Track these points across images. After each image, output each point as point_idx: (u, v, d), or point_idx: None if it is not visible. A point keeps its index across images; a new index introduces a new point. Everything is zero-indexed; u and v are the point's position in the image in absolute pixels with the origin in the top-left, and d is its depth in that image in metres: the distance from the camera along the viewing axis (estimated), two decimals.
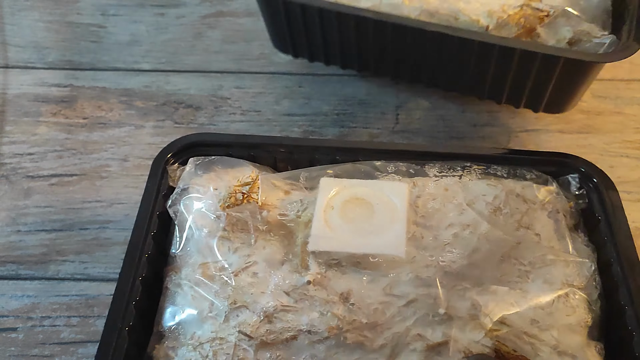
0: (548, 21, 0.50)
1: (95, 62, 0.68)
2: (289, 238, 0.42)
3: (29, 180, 0.57)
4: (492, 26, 0.51)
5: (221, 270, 0.40)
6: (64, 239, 0.53)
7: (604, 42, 0.49)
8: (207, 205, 0.43)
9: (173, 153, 0.47)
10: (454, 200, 0.42)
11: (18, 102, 0.64)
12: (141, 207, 0.43)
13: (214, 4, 0.73)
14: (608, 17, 0.53)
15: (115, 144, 0.60)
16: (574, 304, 0.39)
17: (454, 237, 0.41)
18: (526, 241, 0.41)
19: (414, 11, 0.52)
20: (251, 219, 0.42)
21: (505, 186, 0.44)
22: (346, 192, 0.43)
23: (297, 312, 0.38)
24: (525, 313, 0.38)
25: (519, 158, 0.46)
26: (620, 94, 0.64)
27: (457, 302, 0.38)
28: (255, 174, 0.45)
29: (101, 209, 0.55)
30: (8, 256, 0.52)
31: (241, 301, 0.38)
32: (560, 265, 0.40)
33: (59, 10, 0.73)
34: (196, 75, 0.66)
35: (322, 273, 0.39)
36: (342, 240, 0.40)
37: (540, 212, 0.43)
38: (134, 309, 0.39)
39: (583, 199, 0.45)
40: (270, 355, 0.37)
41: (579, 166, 0.45)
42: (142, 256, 0.41)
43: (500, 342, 0.37)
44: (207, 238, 0.41)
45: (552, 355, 0.37)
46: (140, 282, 0.40)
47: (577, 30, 0.50)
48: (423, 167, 0.45)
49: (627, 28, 0.50)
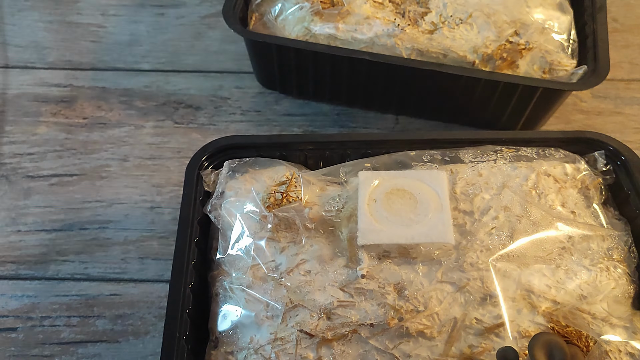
0: (526, 54, 0.55)
1: (95, 62, 0.67)
2: (333, 234, 0.42)
3: (29, 180, 0.57)
4: (478, 61, 0.55)
5: (273, 271, 0.40)
6: (64, 239, 0.53)
7: (578, 72, 0.55)
8: (250, 206, 0.43)
9: (205, 157, 0.47)
10: (491, 185, 0.44)
11: (18, 102, 0.64)
12: (182, 215, 0.43)
13: (214, 4, 0.73)
14: (575, 45, 0.58)
15: (115, 144, 0.60)
16: (616, 276, 0.40)
17: (496, 220, 0.42)
18: (563, 219, 0.42)
19: (405, 50, 0.55)
20: (298, 218, 0.42)
21: (536, 167, 0.45)
22: (387, 184, 0.43)
23: (355, 306, 0.38)
24: (573, 289, 0.39)
25: (546, 139, 0.48)
26: (620, 94, 0.64)
27: (508, 284, 0.39)
28: (291, 173, 0.45)
29: (101, 209, 0.55)
30: (8, 256, 0.52)
31: (297, 300, 0.39)
32: (598, 240, 0.42)
33: (59, 10, 0.73)
34: (196, 75, 0.66)
35: (374, 266, 0.40)
36: (390, 232, 0.40)
37: (571, 190, 0.44)
38: (188, 317, 0.39)
39: (610, 175, 0.46)
40: (333, 352, 0.37)
41: (605, 143, 0.47)
42: (188, 264, 0.41)
43: (554, 319, 0.38)
44: (254, 240, 0.42)
45: (605, 326, 0.38)
46: (191, 291, 0.40)
47: (551, 60, 0.55)
48: (457, 154, 0.46)
49: (592, 56, 0.56)
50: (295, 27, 0.58)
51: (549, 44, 0.56)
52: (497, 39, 0.56)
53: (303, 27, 0.57)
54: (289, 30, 0.58)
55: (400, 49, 0.56)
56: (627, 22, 0.71)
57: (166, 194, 0.56)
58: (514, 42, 0.56)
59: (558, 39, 0.57)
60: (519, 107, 0.56)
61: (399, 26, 0.56)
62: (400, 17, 0.57)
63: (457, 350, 0.37)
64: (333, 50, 0.55)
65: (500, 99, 0.55)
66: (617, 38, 0.69)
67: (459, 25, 0.56)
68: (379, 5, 0.58)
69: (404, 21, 0.57)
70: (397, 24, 0.56)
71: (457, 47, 0.55)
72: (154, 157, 0.59)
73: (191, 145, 0.60)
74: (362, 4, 0.57)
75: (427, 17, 0.57)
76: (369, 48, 0.56)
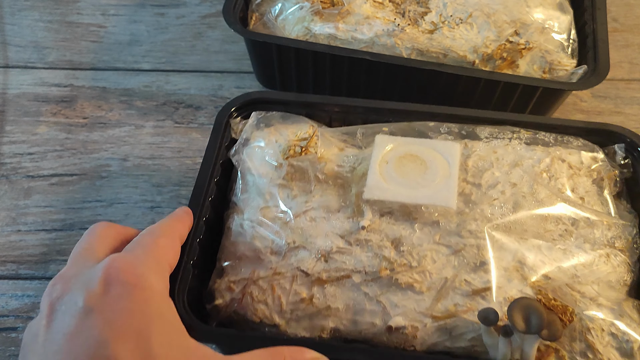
0: (526, 54, 0.55)
1: (95, 62, 0.68)
2: (344, 188, 0.45)
3: (29, 180, 0.57)
4: (478, 61, 0.55)
5: (282, 214, 0.43)
6: (64, 238, 0.53)
7: (578, 71, 0.55)
8: (269, 154, 0.46)
9: (235, 108, 0.49)
10: (503, 162, 0.45)
11: (18, 102, 0.64)
12: (206, 155, 0.46)
13: (214, 4, 0.73)
14: (575, 45, 0.58)
15: (115, 144, 0.60)
16: (615, 263, 0.41)
17: (501, 194, 0.43)
18: (570, 202, 0.43)
19: (405, 50, 0.56)
20: (311, 168, 0.45)
21: (551, 152, 0.46)
22: (401, 148, 0.45)
23: (351, 254, 0.41)
24: (567, 268, 0.40)
25: (566, 126, 0.48)
26: (620, 94, 0.64)
27: (503, 254, 0.40)
28: (313, 130, 0.47)
29: (101, 208, 0.55)
30: (8, 256, 0.52)
31: (299, 241, 0.41)
32: (602, 227, 0.42)
33: (59, 10, 0.73)
34: (196, 75, 0.66)
35: (375, 220, 0.42)
36: (395, 191, 0.42)
37: (585, 178, 0.45)
38: (198, 246, 0.42)
39: (628, 168, 0.46)
40: (325, 292, 0.40)
41: (626, 136, 0.47)
42: (205, 199, 0.44)
43: (542, 292, 0.39)
44: (268, 184, 0.45)
45: (592, 305, 0.39)
46: (204, 223, 0.43)
47: (551, 59, 0.55)
48: (474, 130, 0.47)
49: (592, 55, 0.56)
50: (295, 27, 0.58)
51: (549, 44, 0.56)
52: (497, 39, 0.56)
53: (303, 27, 0.57)
54: (289, 30, 0.58)
55: (400, 49, 0.56)
56: (627, 22, 0.71)
57: (166, 194, 0.56)
58: (514, 42, 0.55)
59: (558, 39, 0.56)
60: (519, 107, 0.56)
61: (399, 26, 0.56)
62: (400, 16, 0.57)
63: (443, 307, 0.39)
64: (333, 50, 0.55)
65: (500, 98, 0.56)
66: (617, 38, 0.69)
67: (459, 25, 0.56)
68: (379, 5, 0.58)
69: (404, 21, 0.57)
70: (397, 24, 0.56)
71: (457, 46, 0.55)
72: (154, 157, 0.59)
73: (191, 145, 0.60)
74: (362, 3, 0.57)
75: (427, 17, 0.57)
76: (369, 48, 0.56)
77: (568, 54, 0.57)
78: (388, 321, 0.39)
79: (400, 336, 0.39)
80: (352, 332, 0.39)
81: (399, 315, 0.39)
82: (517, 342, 0.36)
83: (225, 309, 0.41)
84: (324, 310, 0.39)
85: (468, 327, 0.38)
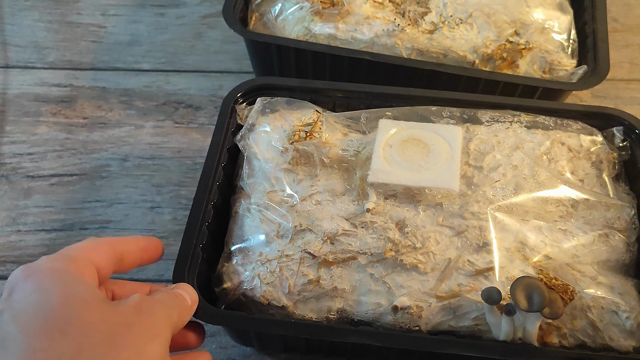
0: (526, 54, 0.55)
1: (95, 62, 0.68)
2: (348, 172, 0.45)
3: (29, 180, 0.57)
4: (478, 61, 0.55)
5: (288, 197, 0.44)
6: (64, 238, 0.53)
7: (578, 72, 0.55)
8: (274, 139, 0.47)
9: (241, 94, 0.50)
10: (504, 145, 0.46)
11: (18, 102, 0.64)
12: (213, 141, 0.47)
13: (214, 4, 0.73)
14: (575, 45, 0.58)
15: (115, 144, 0.60)
16: (614, 244, 0.42)
17: (503, 176, 0.44)
18: (570, 184, 0.44)
19: (405, 50, 0.56)
20: (316, 153, 0.45)
21: (551, 135, 0.47)
22: (404, 132, 0.46)
23: (357, 236, 0.42)
24: (567, 248, 0.41)
25: (566, 110, 0.49)
26: (620, 94, 0.64)
27: (505, 235, 0.41)
28: (317, 115, 0.48)
29: (101, 209, 0.55)
30: (8, 256, 0.52)
31: (306, 224, 0.42)
32: (601, 209, 0.43)
33: (59, 10, 0.73)
34: (196, 75, 0.66)
35: (380, 203, 0.43)
36: (399, 174, 0.43)
37: (584, 161, 0.46)
38: (207, 229, 0.43)
39: (626, 151, 0.47)
40: (331, 273, 0.41)
41: (624, 119, 0.48)
42: (213, 184, 0.45)
43: (543, 271, 0.40)
44: (274, 169, 0.45)
45: (591, 284, 0.39)
46: (212, 207, 0.44)
47: (551, 60, 0.56)
48: (476, 114, 0.48)
49: (592, 56, 0.56)
50: (295, 27, 0.58)
51: (549, 44, 0.56)
52: (497, 39, 0.56)
53: (303, 27, 0.57)
54: (289, 30, 0.58)
55: (400, 49, 0.56)
56: (627, 22, 0.71)
57: (166, 194, 0.56)
58: (514, 42, 0.55)
59: (558, 39, 0.57)
60: None
61: (399, 26, 0.56)
62: (400, 17, 0.57)
63: (447, 287, 0.40)
64: (333, 50, 0.55)
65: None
66: (617, 38, 0.69)
67: (459, 25, 0.56)
68: (379, 5, 0.58)
69: (404, 21, 0.57)
70: (397, 24, 0.56)
71: (457, 47, 0.55)
72: (154, 157, 0.59)
73: (191, 145, 0.60)
74: (362, 3, 0.57)
75: (427, 17, 0.57)
76: (369, 48, 0.56)
77: (568, 54, 0.57)
78: (393, 301, 0.40)
79: (405, 316, 0.39)
80: (358, 312, 0.40)
81: (404, 296, 0.40)
82: (519, 320, 0.37)
83: (234, 291, 0.41)
84: (331, 291, 0.40)
85: (471, 307, 0.39)
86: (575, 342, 0.38)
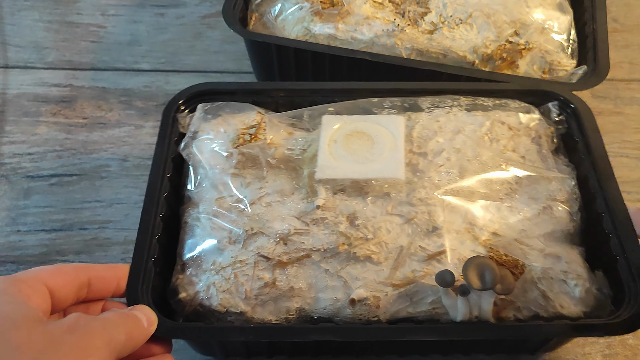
0: (526, 54, 0.55)
1: (95, 62, 0.67)
2: (296, 171, 0.45)
3: (29, 180, 0.57)
4: (478, 61, 0.56)
5: (237, 202, 0.44)
6: (63, 239, 0.53)
7: (578, 72, 0.55)
8: (218, 145, 0.46)
9: (182, 102, 0.49)
10: (445, 130, 0.47)
11: (18, 102, 0.64)
12: (156, 153, 0.46)
13: (214, 4, 0.73)
14: (574, 45, 0.58)
15: (115, 144, 0.60)
16: (557, 215, 0.43)
17: (447, 160, 0.45)
18: (512, 161, 0.45)
19: (405, 51, 0.56)
20: (262, 155, 0.45)
21: (491, 115, 0.48)
22: (347, 126, 0.46)
23: (309, 233, 0.42)
24: (514, 224, 0.42)
25: (504, 90, 0.50)
26: (620, 94, 0.64)
27: (454, 218, 0.42)
28: (260, 117, 0.48)
29: (101, 209, 0.55)
30: (8, 256, 0.52)
31: (257, 228, 0.42)
32: (544, 183, 0.44)
33: (59, 10, 0.73)
34: (196, 75, 0.66)
35: (329, 198, 0.43)
36: (346, 168, 0.44)
37: (524, 138, 0.47)
38: (157, 243, 0.42)
39: (563, 125, 0.49)
40: (287, 273, 0.41)
41: (558, 94, 0.49)
42: (160, 196, 0.44)
43: (493, 249, 0.41)
44: (221, 175, 0.45)
45: (539, 257, 0.41)
46: (161, 220, 0.43)
47: (551, 60, 0.56)
48: (416, 102, 0.49)
49: (591, 56, 0.56)
50: (295, 27, 0.58)
51: (549, 44, 0.56)
52: (496, 39, 0.56)
53: (303, 27, 0.57)
54: (289, 31, 0.58)
55: (400, 49, 0.56)
56: (627, 22, 0.71)
57: None
58: (513, 42, 0.56)
59: (558, 39, 0.57)
60: None
61: (398, 26, 0.56)
62: (400, 17, 0.57)
63: (401, 274, 0.40)
64: (333, 50, 0.55)
65: None
66: (617, 38, 0.69)
67: (458, 26, 0.56)
68: (379, 5, 0.58)
69: (403, 21, 0.57)
70: (396, 24, 0.56)
71: (457, 47, 0.56)
72: None
73: None
74: (362, 4, 0.57)
75: (427, 17, 0.57)
76: (368, 48, 0.56)
77: (568, 54, 0.57)
78: (350, 294, 0.40)
79: (363, 308, 0.40)
80: (317, 309, 0.40)
81: (360, 288, 0.40)
82: (474, 299, 0.38)
83: (190, 303, 0.41)
84: (288, 291, 0.40)
85: (427, 292, 0.40)
86: (529, 314, 0.39)
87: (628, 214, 0.42)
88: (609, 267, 0.41)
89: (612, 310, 0.39)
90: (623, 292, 0.39)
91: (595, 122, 0.47)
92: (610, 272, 0.41)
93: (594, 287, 0.40)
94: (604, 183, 0.44)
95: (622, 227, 0.41)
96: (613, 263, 0.41)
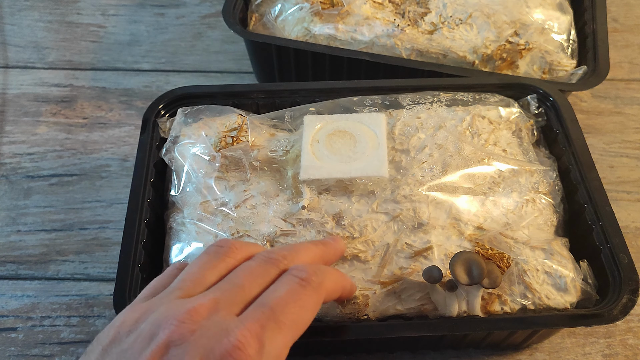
0: (526, 54, 0.56)
1: (95, 62, 0.67)
2: (280, 172, 0.45)
3: (29, 180, 0.57)
4: (478, 61, 0.56)
5: (221, 206, 0.43)
6: (63, 239, 0.53)
7: (578, 72, 0.56)
8: (201, 149, 0.46)
9: (162, 106, 0.49)
10: (427, 126, 0.47)
11: (18, 102, 0.64)
12: (137, 158, 0.46)
13: (214, 4, 0.73)
14: (574, 46, 0.58)
15: (115, 144, 0.60)
16: (541, 207, 0.44)
17: (429, 156, 0.45)
18: (494, 155, 0.45)
19: (405, 51, 0.56)
20: (244, 157, 0.45)
21: (471, 110, 0.48)
22: (329, 126, 0.47)
23: (296, 234, 0.42)
24: (499, 217, 0.43)
25: (482, 85, 0.51)
26: (620, 94, 0.64)
27: (439, 214, 0.42)
28: (242, 119, 0.48)
29: (101, 209, 0.55)
30: (8, 256, 0.52)
31: (243, 230, 0.42)
32: (526, 175, 0.45)
33: (59, 10, 0.73)
34: (196, 75, 0.66)
35: (314, 198, 0.43)
36: (330, 168, 0.44)
37: (505, 131, 0.47)
38: (143, 249, 0.42)
39: (542, 117, 0.49)
40: None
41: (537, 87, 0.50)
42: (144, 202, 0.44)
43: (479, 243, 0.41)
44: (204, 179, 0.45)
45: (525, 249, 0.41)
46: (146, 225, 0.43)
47: (551, 60, 0.56)
48: (397, 99, 0.49)
49: (591, 56, 0.57)
50: (295, 27, 0.58)
51: (549, 44, 0.56)
52: (496, 39, 0.56)
53: (303, 27, 0.57)
54: (289, 31, 0.58)
55: (400, 50, 0.56)
56: (627, 22, 0.71)
57: None
58: (513, 43, 0.56)
59: (558, 39, 0.57)
60: None
61: (398, 26, 0.56)
62: (400, 17, 0.57)
63: (389, 272, 0.41)
64: (333, 50, 0.55)
65: None
66: (617, 38, 0.69)
67: (458, 26, 0.56)
68: (379, 5, 0.58)
69: (403, 21, 0.57)
70: (396, 25, 0.56)
71: (457, 47, 0.56)
72: None
73: None
74: (362, 4, 0.57)
75: (427, 18, 0.57)
76: (368, 48, 0.56)
77: (568, 54, 0.57)
78: None
79: (352, 306, 0.40)
80: None
81: None
82: (462, 294, 0.38)
83: None
84: None
85: (415, 288, 0.40)
86: (516, 306, 0.40)
87: (610, 204, 0.42)
88: (593, 257, 0.42)
89: (598, 300, 0.40)
90: (607, 281, 0.40)
91: (574, 113, 0.48)
92: (595, 262, 0.41)
93: (579, 277, 0.41)
94: (585, 174, 0.44)
95: (604, 217, 0.42)
96: (597, 253, 0.41)
